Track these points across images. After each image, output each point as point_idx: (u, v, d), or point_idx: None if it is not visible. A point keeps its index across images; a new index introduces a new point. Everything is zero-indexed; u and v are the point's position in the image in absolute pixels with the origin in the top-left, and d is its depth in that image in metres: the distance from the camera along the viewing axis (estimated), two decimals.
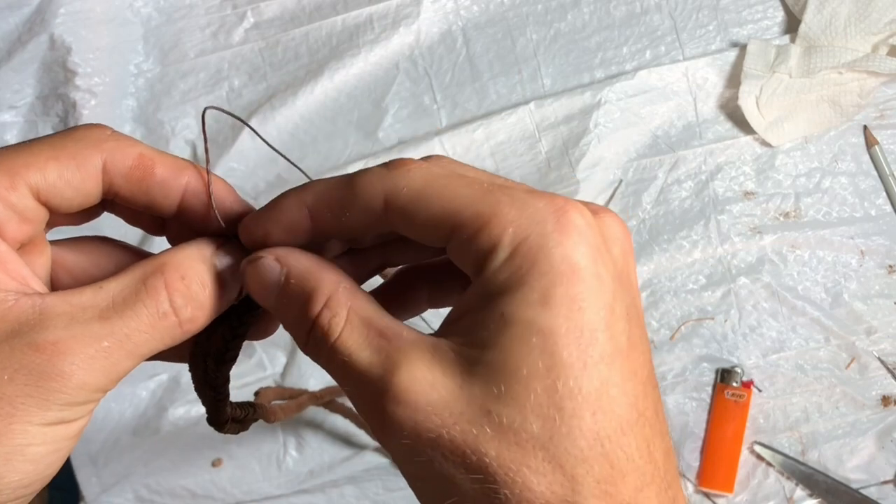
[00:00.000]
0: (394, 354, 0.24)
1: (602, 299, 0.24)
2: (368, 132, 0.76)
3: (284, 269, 0.27)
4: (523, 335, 0.23)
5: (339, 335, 0.25)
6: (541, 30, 0.77)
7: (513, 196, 0.24)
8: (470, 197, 0.24)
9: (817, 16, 0.73)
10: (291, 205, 0.27)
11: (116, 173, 0.27)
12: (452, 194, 0.24)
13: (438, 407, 0.23)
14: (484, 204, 0.24)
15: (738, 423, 0.70)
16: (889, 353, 0.72)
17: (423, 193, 0.25)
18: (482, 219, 0.24)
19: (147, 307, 0.25)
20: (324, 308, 0.26)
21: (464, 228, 0.24)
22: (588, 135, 0.74)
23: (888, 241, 0.73)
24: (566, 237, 0.23)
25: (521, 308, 0.23)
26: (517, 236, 0.23)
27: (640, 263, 0.73)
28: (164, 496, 0.71)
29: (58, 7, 0.74)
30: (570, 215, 0.24)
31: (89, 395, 0.25)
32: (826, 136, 0.74)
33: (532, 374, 0.23)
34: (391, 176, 0.25)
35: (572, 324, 0.23)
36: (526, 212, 0.24)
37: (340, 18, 0.77)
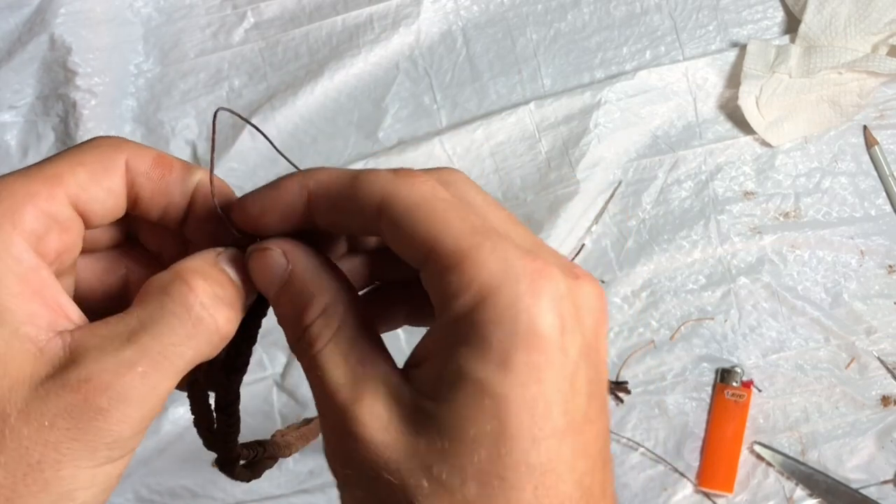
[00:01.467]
0: (362, 384, 0.24)
1: (563, 372, 0.23)
2: (368, 132, 0.76)
3: (290, 266, 0.26)
4: (476, 396, 0.22)
5: (323, 349, 0.25)
6: (541, 30, 0.77)
7: (497, 244, 0.23)
8: (456, 230, 0.23)
9: (817, 16, 0.73)
10: (292, 186, 0.27)
11: (138, 172, 0.27)
12: (441, 221, 0.24)
13: (386, 450, 0.23)
14: (465, 242, 0.23)
15: (737, 423, 0.70)
16: (889, 353, 0.72)
17: (415, 211, 0.24)
18: (457, 256, 0.23)
19: (178, 317, 0.24)
20: (319, 317, 0.25)
21: (438, 259, 0.23)
22: (588, 135, 0.74)
23: (888, 241, 0.73)
24: (537, 302, 0.23)
25: (479, 367, 0.22)
26: (487, 288, 0.23)
27: (640, 263, 0.73)
28: (164, 496, 0.71)
29: (58, 7, 0.74)
30: (546, 280, 0.23)
31: (135, 426, 0.24)
32: (826, 136, 0.74)
33: (478, 439, 0.22)
34: (394, 183, 0.25)
35: (528, 394, 0.22)
36: (504, 264, 0.23)
37: (340, 18, 0.77)
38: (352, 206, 0.25)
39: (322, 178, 0.26)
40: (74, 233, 0.26)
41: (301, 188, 0.27)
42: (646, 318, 0.73)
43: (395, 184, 0.25)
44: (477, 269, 0.23)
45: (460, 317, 0.23)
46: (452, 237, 0.23)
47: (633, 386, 0.72)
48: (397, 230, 0.24)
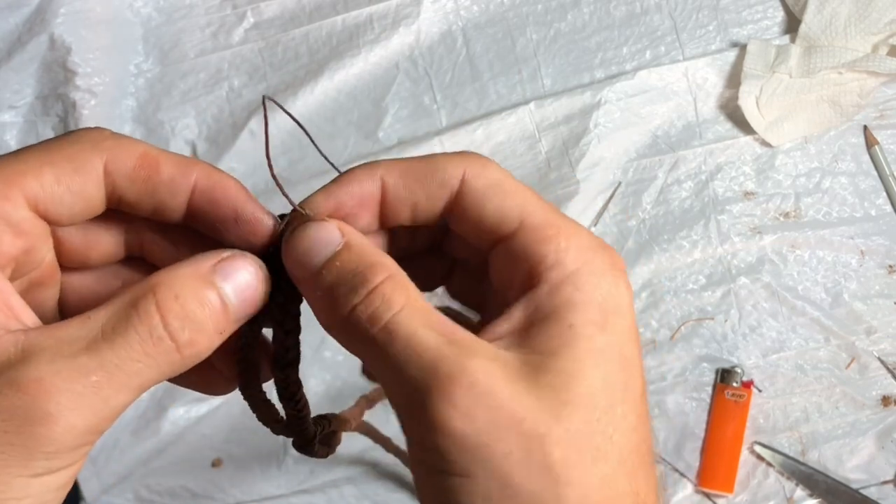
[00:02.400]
0: (464, 343, 0.24)
1: (636, 336, 0.26)
2: (368, 132, 0.76)
3: (344, 239, 0.26)
4: (591, 350, 0.24)
5: (401, 310, 0.24)
6: (541, 30, 0.77)
7: (576, 223, 0.26)
8: (543, 207, 0.26)
9: (817, 16, 0.73)
10: (365, 176, 0.27)
11: (119, 174, 0.25)
12: (526, 195, 0.26)
13: (510, 401, 0.23)
14: (554, 216, 0.26)
15: (738, 423, 0.70)
16: (889, 353, 0.72)
17: (501, 185, 0.26)
18: (552, 228, 0.26)
19: (139, 333, 0.23)
20: (385, 280, 0.24)
21: (532, 231, 0.26)
22: (588, 135, 0.74)
23: (888, 241, 0.73)
24: (618, 276, 0.26)
25: (588, 325, 0.25)
26: (580, 260, 0.25)
27: (641, 263, 0.73)
28: (164, 496, 0.71)
29: (58, 7, 0.74)
30: (617, 258, 0.26)
31: (79, 438, 0.22)
32: (826, 136, 0.74)
33: (598, 389, 0.24)
34: (470, 161, 0.27)
35: (625, 353, 0.25)
36: (585, 241, 0.26)
37: (340, 18, 0.77)
38: (431, 185, 0.26)
39: (394, 164, 0.27)
40: (34, 236, 0.25)
41: (374, 178, 0.27)
42: (646, 318, 0.73)
43: (471, 161, 0.27)
44: (571, 242, 0.26)
45: (562, 282, 0.25)
46: (543, 212, 0.26)
47: None
48: (482, 204, 0.26)
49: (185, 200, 0.26)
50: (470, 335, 0.25)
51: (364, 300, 0.24)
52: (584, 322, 0.25)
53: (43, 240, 0.26)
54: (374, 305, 0.24)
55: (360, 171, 0.27)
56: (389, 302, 0.24)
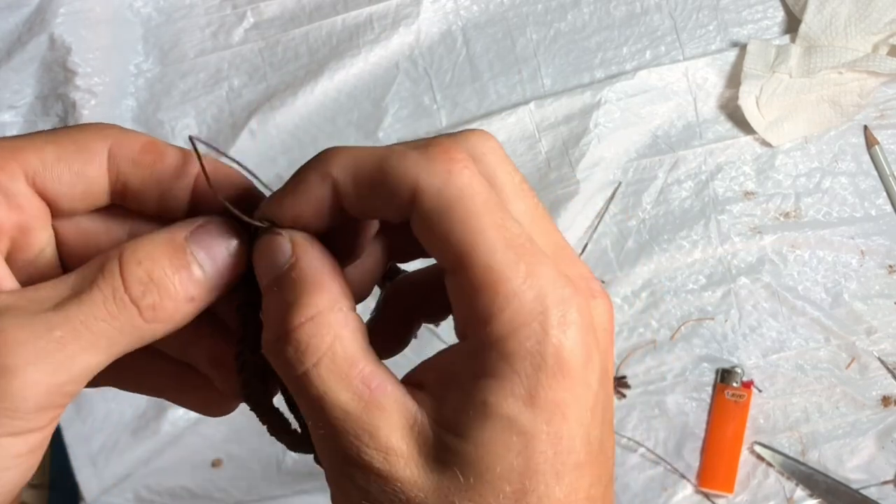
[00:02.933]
0: (375, 410, 0.22)
1: (585, 405, 0.23)
2: (368, 132, 0.76)
3: (293, 259, 0.24)
4: (503, 432, 0.22)
5: (318, 362, 0.23)
6: (541, 30, 0.77)
7: (532, 268, 0.22)
8: (492, 241, 0.22)
9: (817, 16, 0.73)
10: (314, 180, 0.24)
11: (124, 158, 0.25)
12: (477, 229, 0.22)
13: (407, 484, 0.22)
14: (503, 257, 0.22)
15: (738, 423, 0.70)
16: (889, 353, 0.72)
17: (450, 210, 0.22)
18: (491, 275, 0.22)
19: (102, 292, 0.23)
20: (309, 321, 0.23)
21: (470, 273, 0.22)
22: (588, 135, 0.73)
23: (888, 241, 0.73)
24: (566, 336, 0.22)
25: (507, 402, 0.22)
26: (520, 319, 0.22)
27: (640, 263, 0.73)
28: (164, 496, 0.71)
29: (58, 7, 0.74)
30: (575, 310, 0.23)
31: (43, 396, 0.22)
32: (826, 136, 0.74)
33: (504, 475, 0.22)
34: (429, 169, 0.22)
35: (553, 430, 0.22)
36: (538, 293, 0.22)
37: (340, 18, 0.77)
38: (380, 193, 0.23)
39: (346, 162, 0.24)
40: (30, 214, 0.24)
41: (323, 180, 0.24)
42: (646, 318, 0.73)
43: (429, 171, 0.22)
44: (510, 297, 0.22)
45: (488, 345, 0.22)
46: (487, 250, 0.22)
47: (634, 386, 0.72)
48: (429, 227, 0.23)
49: (190, 185, 0.26)
50: (388, 395, 0.23)
51: (283, 339, 0.23)
52: (503, 399, 0.22)
53: (41, 221, 0.25)
54: (294, 347, 0.23)
55: (310, 174, 0.24)
56: (306, 351, 0.22)
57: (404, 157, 0.23)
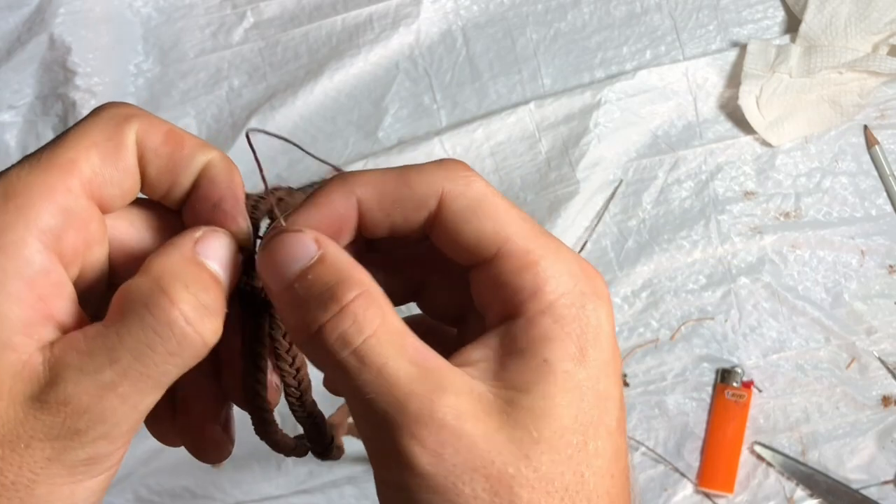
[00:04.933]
0: (436, 375, 0.23)
1: (616, 366, 0.26)
2: (368, 132, 0.76)
3: (320, 251, 0.24)
4: (565, 386, 0.24)
5: (373, 335, 0.23)
6: (541, 30, 0.77)
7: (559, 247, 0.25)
8: (524, 230, 0.25)
9: (817, 16, 0.73)
10: (339, 196, 0.25)
11: (149, 148, 0.25)
12: (507, 219, 0.25)
13: (480, 440, 0.23)
14: (535, 242, 0.25)
15: (738, 423, 0.70)
16: (889, 353, 0.72)
17: (480, 206, 0.25)
18: (531, 256, 0.25)
19: (160, 335, 0.22)
20: (358, 297, 0.23)
21: (510, 259, 0.25)
22: (588, 134, 0.73)
23: (888, 240, 0.73)
24: (599, 303, 0.25)
25: (563, 359, 0.24)
26: (561, 288, 0.24)
27: (641, 263, 0.73)
28: (164, 496, 0.71)
29: (57, 7, 0.74)
30: (599, 284, 0.25)
31: (113, 444, 0.23)
32: (826, 136, 0.74)
33: (570, 427, 0.24)
34: (449, 177, 0.25)
35: (601, 388, 0.25)
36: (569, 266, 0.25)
37: (340, 18, 0.77)
38: (406, 205, 0.25)
39: (369, 180, 0.25)
40: (93, 226, 0.24)
41: (348, 196, 0.25)
42: (646, 318, 0.73)
43: (451, 178, 0.25)
44: (551, 270, 0.25)
45: (539, 313, 0.24)
46: (523, 237, 0.25)
47: (634, 386, 0.72)
48: (460, 226, 0.25)
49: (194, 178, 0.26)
50: (444, 364, 0.24)
51: (333, 318, 0.23)
52: (560, 357, 0.24)
53: (101, 234, 0.25)
54: (343, 326, 0.23)
55: (334, 190, 0.25)
56: (361, 324, 0.23)
57: (425, 170, 0.25)
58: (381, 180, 0.25)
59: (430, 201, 0.25)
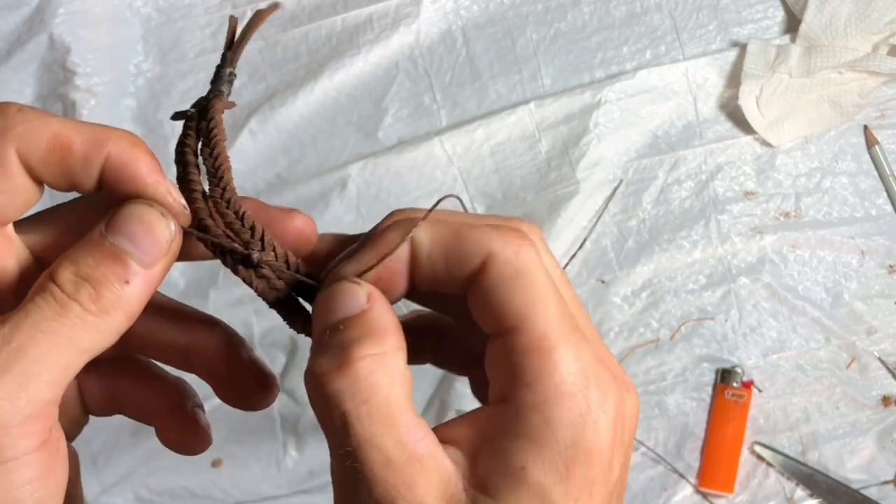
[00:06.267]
0: (415, 465, 0.23)
1: (607, 487, 0.24)
2: (368, 132, 0.76)
3: (368, 306, 0.25)
4: (535, 501, 0.23)
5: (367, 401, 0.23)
6: (541, 30, 0.77)
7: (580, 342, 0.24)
8: (550, 314, 0.24)
9: (817, 15, 0.73)
10: (396, 240, 0.25)
11: (34, 158, 0.25)
12: (539, 299, 0.24)
13: None
14: (555, 330, 0.23)
15: (738, 423, 0.70)
16: (889, 353, 0.72)
17: (517, 277, 0.24)
18: (546, 342, 0.23)
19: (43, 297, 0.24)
20: (367, 358, 0.23)
21: (524, 337, 0.23)
22: (588, 134, 0.73)
23: (888, 240, 0.73)
24: (603, 417, 0.23)
25: (543, 472, 0.23)
26: (565, 386, 0.23)
27: (640, 263, 0.73)
28: (164, 496, 0.71)
29: (57, 7, 0.74)
30: (612, 395, 0.24)
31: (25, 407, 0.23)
32: (826, 136, 0.74)
33: None
34: (500, 239, 0.24)
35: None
36: (584, 367, 0.23)
37: (340, 18, 0.77)
38: (456, 258, 0.25)
39: (426, 230, 0.25)
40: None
41: (404, 240, 0.25)
42: (646, 317, 0.73)
43: (502, 242, 0.24)
44: (559, 364, 0.23)
45: (532, 407, 0.23)
46: (545, 321, 0.24)
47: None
48: (492, 293, 0.24)
49: (97, 174, 0.26)
50: (429, 450, 0.23)
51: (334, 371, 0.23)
52: (540, 469, 0.22)
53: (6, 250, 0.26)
54: (351, 380, 0.23)
55: (392, 235, 0.25)
56: (362, 386, 0.23)
57: (479, 228, 0.25)
58: (437, 227, 0.25)
59: (475, 260, 0.24)
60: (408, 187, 0.74)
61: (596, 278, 0.73)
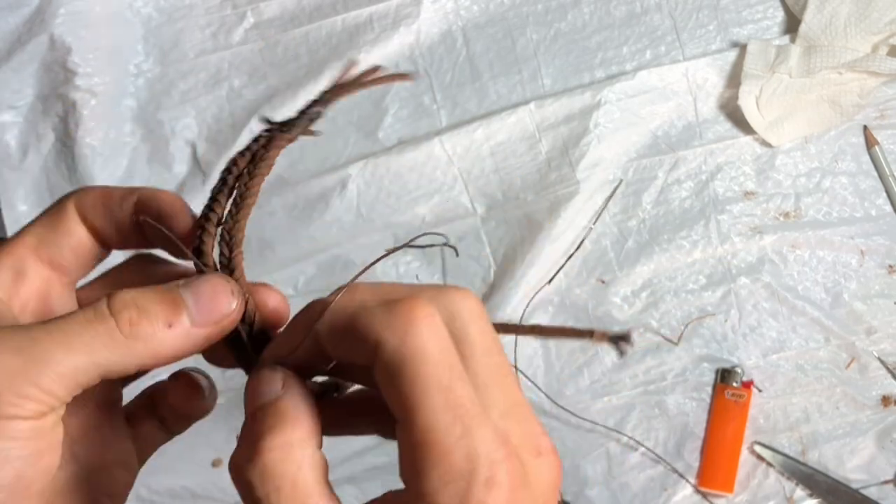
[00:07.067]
0: None
1: None
2: (368, 132, 0.76)
3: (282, 392, 0.26)
4: None
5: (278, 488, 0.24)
6: (541, 30, 0.77)
7: (469, 428, 0.23)
8: (435, 404, 0.23)
9: (817, 16, 0.73)
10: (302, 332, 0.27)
11: (87, 207, 0.29)
12: (423, 389, 0.23)
13: None
14: (440, 422, 0.23)
15: (738, 423, 0.70)
16: (889, 353, 0.72)
17: (403, 368, 0.24)
18: (430, 435, 0.23)
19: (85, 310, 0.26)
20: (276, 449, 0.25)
21: (412, 430, 0.23)
22: (588, 135, 0.73)
23: (888, 241, 0.73)
24: (488, 496, 0.23)
25: None
26: (447, 478, 0.23)
27: (641, 263, 0.73)
28: (164, 496, 0.71)
29: (57, 7, 0.74)
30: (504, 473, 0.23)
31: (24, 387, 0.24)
32: (826, 136, 0.74)
33: None
34: (390, 327, 0.24)
35: None
36: (469, 453, 0.23)
37: (340, 18, 0.77)
38: (352, 343, 0.25)
39: (326, 317, 0.26)
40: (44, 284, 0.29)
41: (307, 330, 0.27)
42: (646, 318, 0.73)
43: (391, 327, 0.24)
44: (441, 456, 0.23)
45: (419, 497, 0.23)
46: (428, 411, 0.23)
47: (634, 386, 0.72)
48: (381, 384, 0.24)
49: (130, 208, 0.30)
50: None
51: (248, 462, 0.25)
52: None
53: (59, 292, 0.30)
54: (260, 470, 0.24)
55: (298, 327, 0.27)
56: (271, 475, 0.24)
57: (371, 313, 0.25)
58: (334, 317, 0.26)
59: (368, 347, 0.24)
60: (408, 187, 0.74)
61: (596, 278, 0.74)
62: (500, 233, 0.74)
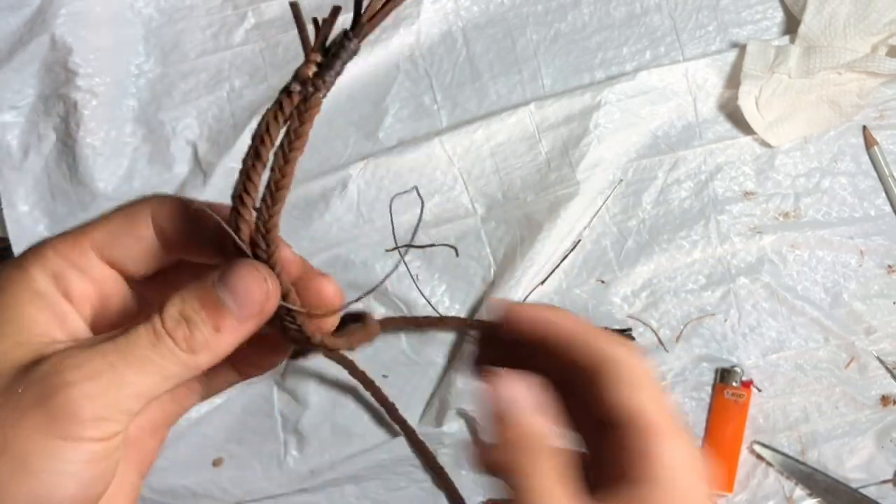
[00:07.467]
0: None
1: None
2: (368, 132, 0.76)
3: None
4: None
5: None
6: (541, 30, 0.77)
7: (678, 428, 0.31)
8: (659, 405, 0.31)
9: (817, 16, 0.73)
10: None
11: (162, 217, 0.30)
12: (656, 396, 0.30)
13: None
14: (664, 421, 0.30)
15: (737, 422, 0.70)
16: (888, 353, 0.72)
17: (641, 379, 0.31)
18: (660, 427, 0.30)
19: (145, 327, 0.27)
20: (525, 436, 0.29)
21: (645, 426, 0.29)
22: (588, 135, 0.74)
23: (888, 241, 0.73)
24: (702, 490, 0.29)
25: None
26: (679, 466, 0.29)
27: (640, 263, 0.73)
28: (164, 495, 0.72)
29: (58, 7, 0.74)
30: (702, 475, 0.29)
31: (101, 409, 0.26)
32: (826, 137, 0.74)
33: None
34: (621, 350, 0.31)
35: None
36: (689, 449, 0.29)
37: (340, 19, 0.77)
38: (574, 358, 0.30)
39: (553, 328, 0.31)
40: (101, 282, 0.30)
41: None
42: (646, 317, 0.73)
43: (623, 351, 0.30)
44: (670, 448, 0.28)
45: (657, 482, 0.28)
46: (656, 411, 0.29)
47: None
48: (612, 388, 0.29)
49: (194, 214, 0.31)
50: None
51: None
52: None
53: (115, 288, 0.30)
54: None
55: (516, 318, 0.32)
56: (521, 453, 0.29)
57: (599, 335, 0.31)
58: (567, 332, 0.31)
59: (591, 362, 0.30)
60: (408, 188, 0.74)
61: (596, 278, 0.74)
62: (500, 233, 0.74)
